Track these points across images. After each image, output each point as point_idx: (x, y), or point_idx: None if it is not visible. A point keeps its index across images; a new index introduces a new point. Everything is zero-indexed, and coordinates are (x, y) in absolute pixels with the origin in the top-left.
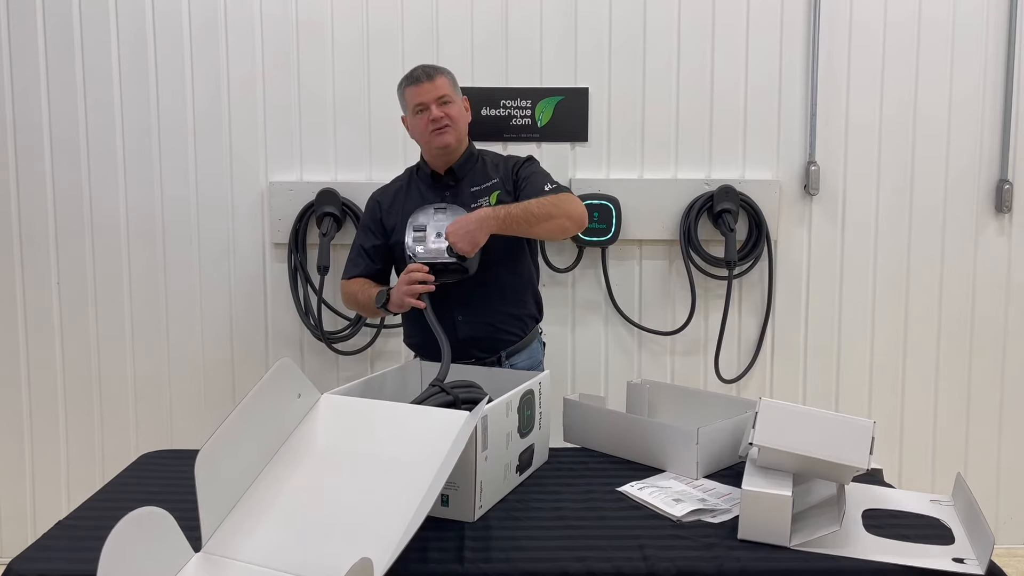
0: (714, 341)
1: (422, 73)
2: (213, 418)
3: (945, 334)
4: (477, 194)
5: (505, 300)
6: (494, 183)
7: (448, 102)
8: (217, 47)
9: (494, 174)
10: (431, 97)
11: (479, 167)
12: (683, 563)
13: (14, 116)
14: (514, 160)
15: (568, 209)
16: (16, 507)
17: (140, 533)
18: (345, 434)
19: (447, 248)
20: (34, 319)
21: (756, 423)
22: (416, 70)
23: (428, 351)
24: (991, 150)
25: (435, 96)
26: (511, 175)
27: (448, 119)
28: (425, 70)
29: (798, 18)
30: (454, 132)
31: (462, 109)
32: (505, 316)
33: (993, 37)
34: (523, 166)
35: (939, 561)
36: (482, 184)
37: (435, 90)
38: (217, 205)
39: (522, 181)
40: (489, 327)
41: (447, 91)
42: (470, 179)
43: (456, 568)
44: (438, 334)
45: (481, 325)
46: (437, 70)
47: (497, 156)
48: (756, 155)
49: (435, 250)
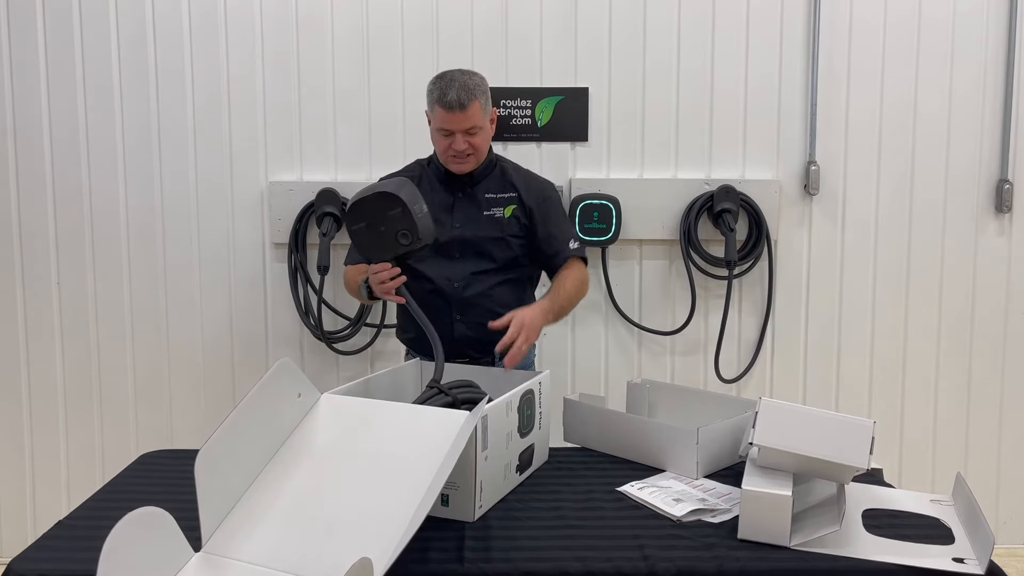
0: (714, 341)
1: (455, 100)
2: (213, 418)
3: (945, 334)
4: (491, 202)
5: (502, 303)
6: (512, 196)
7: (476, 132)
8: (217, 46)
9: (513, 188)
10: (460, 127)
11: (496, 173)
12: (683, 563)
13: (14, 116)
14: (540, 186)
15: (585, 285)
16: (16, 507)
17: (140, 533)
18: (345, 434)
19: (400, 235)
20: (34, 319)
21: (756, 423)
22: (451, 93)
23: (421, 345)
24: (991, 150)
25: (464, 127)
26: (536, 201)
27: (472, 149)
28: (460, 97)
29: (798, 18)
30: (474, 161)
31: (488, 131)
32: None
33: (993, 37)
34: (548, 199)
35: (939, 561)
36: (498, 193)
37: (466, 121)
38: (217, 205)
39: (545, 219)
40: (485, 328)
41: (477, 121)
42: (486, 184)
43: (456, 568)
44: (429, 331)
45: (478, 326)
46: (473, 95)
47: (518, 169)
48: (756, 155)
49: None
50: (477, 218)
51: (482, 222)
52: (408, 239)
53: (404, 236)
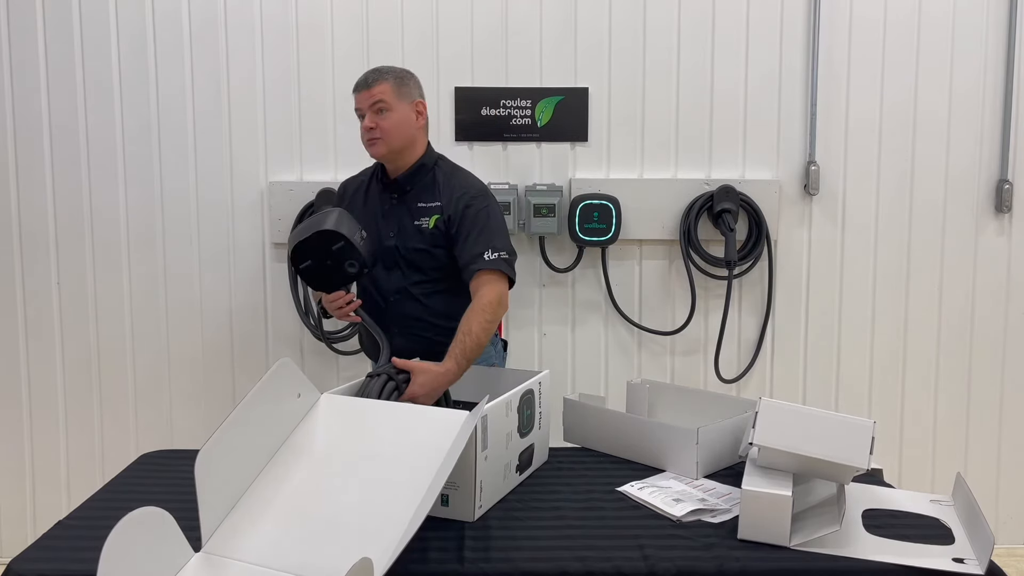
0: (714, 341)
1: (363, 78)
2: (213, 418)
3: (945, 334)
4: (421, 211)
5: (437, 314)
6: (436, 206)
7: (383, 110)
8: (217, 47)
9: (438, 197)
10: (365, 104)
11: (428, 180)
12: (683, 563)
13: (14, 116)
14: (464, 193)
15: (498, 307)
16: (16, 507)
17: (140, 533)
18: (345, 434)
19: (348, 265)
20: (34, 319)
21: (756, 423)
22: (362, 76)
23: (376, 353)
24: (991, 150)
25: (369, 103)
26: (456, 210)
27: (379, 131)
28: (368, 75)
29: (798, 17)
30: (384, 144)
31: (405, 117)
32: (442, 329)
33: (993, 36)
34: (469, 208)
35: (939, 561)
36: (427, 202)
37: (370, 97)
38: (217, 205)
39: (461, 230)
40: (424, 340)
41: (385, 97)
42: (417, 193)
43: (456, 568)
44: (377, 334)
45: (413, 337)
46: (381, 75)
47: (450, 176)
48: (756, 155)
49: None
50: (408, 228)
51: (411, 232)
52: (355, 267)
53: (351, 266)
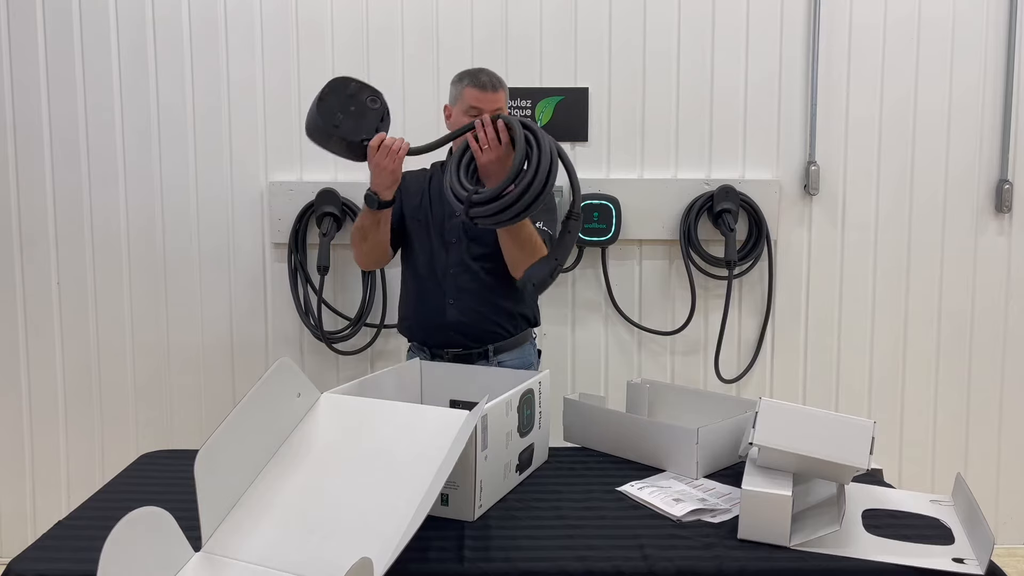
0: (714, 341)
1: (489, 81)
2: (213, 418)
3: (945, 334)
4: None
5: (498, 292)
6: None
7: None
8: (217, 47)
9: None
10: (490, 106)
11: None
12: (683, 563)
13: (14, 116)
14: None
15: (535, 249)
16: (16, 507)
17: (140, 533)
18: (345, 434)
19: (369, 100)
20: (34, 319)
21: (756, 423)
22: (484, 75)
23: (419, 332)
24: (991, 150)
25: (492, 107)
26: None
27: None
28: (492, 80)
29: (798, 17)
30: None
31: None
32: (495, 308)
33: (993, 37)
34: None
35: (939, 561)
36: None
37: (496, 101)
38: (217, 205)
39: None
40: (477, 315)
41: (502, 105)
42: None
43: (456, 568)
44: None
45: (469, 312)
46: (502, 83)
47: None
48: (756, 155)
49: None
50: None
51: None
52: (376, 100)
53: (372, 101)
